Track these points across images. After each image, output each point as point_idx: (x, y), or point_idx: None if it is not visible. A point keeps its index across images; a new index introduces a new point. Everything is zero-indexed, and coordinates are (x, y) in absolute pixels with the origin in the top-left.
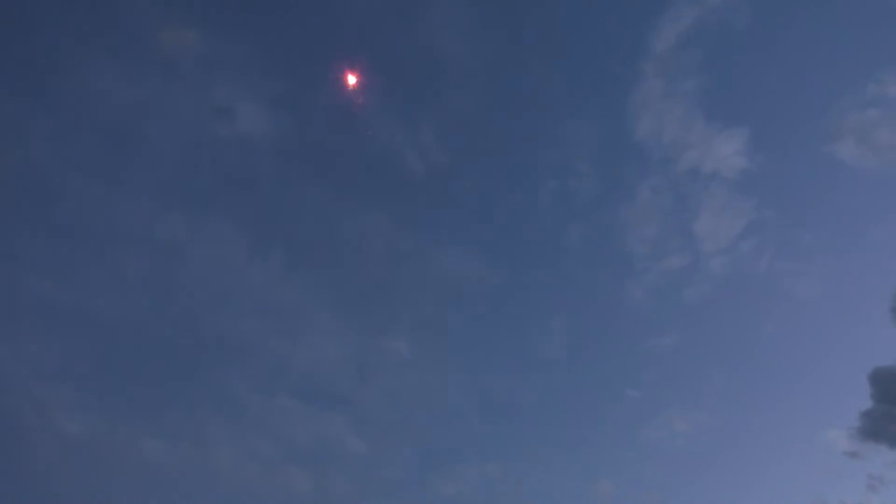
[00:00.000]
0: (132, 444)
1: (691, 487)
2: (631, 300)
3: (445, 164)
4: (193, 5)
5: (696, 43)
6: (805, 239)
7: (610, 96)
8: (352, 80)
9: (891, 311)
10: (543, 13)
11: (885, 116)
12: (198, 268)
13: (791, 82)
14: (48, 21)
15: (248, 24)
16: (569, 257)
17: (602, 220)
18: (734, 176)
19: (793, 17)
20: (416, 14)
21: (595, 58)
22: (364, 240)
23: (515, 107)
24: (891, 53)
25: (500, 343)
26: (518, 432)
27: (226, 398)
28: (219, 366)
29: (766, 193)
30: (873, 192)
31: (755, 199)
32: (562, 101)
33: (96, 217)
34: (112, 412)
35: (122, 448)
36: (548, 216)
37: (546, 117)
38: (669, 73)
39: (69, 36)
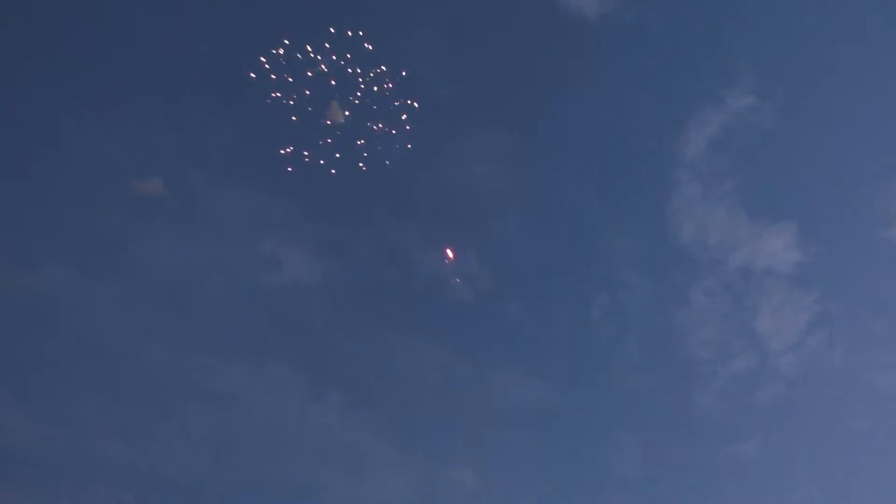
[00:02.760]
0: None
1: None
2: (701, 408)
3: (493, 290)
4: (239, 172)
5: (727, 146)
6: (878, 328)
7: (648, 206)
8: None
9: None
10: (572, 133)
11: None
12: (258, 416)
13: (831, 173)
14: (102, 199)
15: (291, 181)
16: (629, 370)
17: (658, 329)
18: (790, 271)
19: (821, 112)
20: (445, 146)
21: (628, 171)
22: (420, 372)
23: (555, 226)
24: None
25: (568, 464)
26: None
27: None
28: None
29: (827, 285)
30: None
31: (816, 292)
32: (601, 216)
33: (159, 376)
34: None
35: None
36: (602, 330)
37: (587, 233)
38: (705, 178)
39: (126, 210)
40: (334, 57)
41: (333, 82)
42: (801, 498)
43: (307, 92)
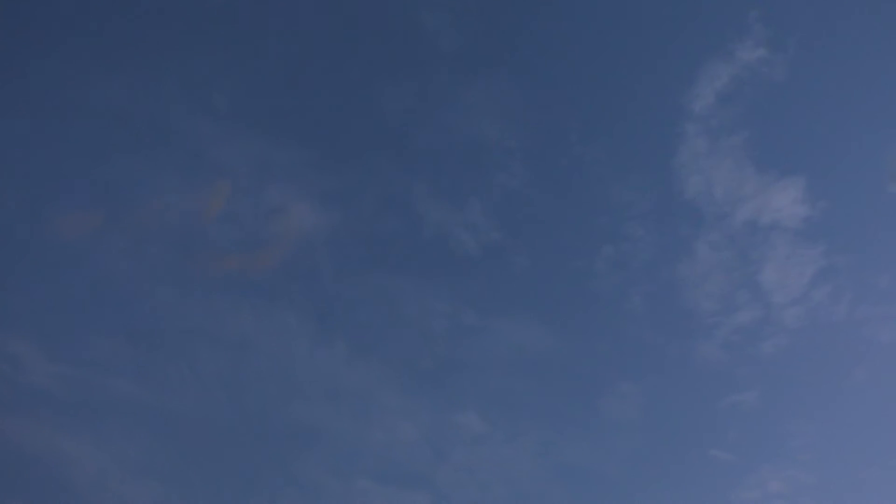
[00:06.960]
0: None
1: None
2: (703, 358)
3: (498, 240)
4: (246, 119)
5: (736, 99)
6: (883, 282)
7: (654, 160)
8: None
9: None
10: (578, 85)
11: None
12: (266, 360)
13: (841, 127)
14: (111, 147)
15: (297, 130)
16: (632, 320)
17: (662, 281)
18: (796, 225)
19: (833, 65)
20: (450, 96)
21: (634, 125)
22: (425, 320)
23: (560, 178)
24: None
25: (571, 410)
26: (598, 501)
27: (304, 484)
28: (295, 453)
29: (833, 240)
30: None
31: (822, 246)
32: (606, 169)
33: (170, 320)
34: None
35: None
36: (606, 282)
37: (592, 186)
38: (712, 131)
39: (132, 157)
40: None
41: None
42: (800, 445)
43: None
